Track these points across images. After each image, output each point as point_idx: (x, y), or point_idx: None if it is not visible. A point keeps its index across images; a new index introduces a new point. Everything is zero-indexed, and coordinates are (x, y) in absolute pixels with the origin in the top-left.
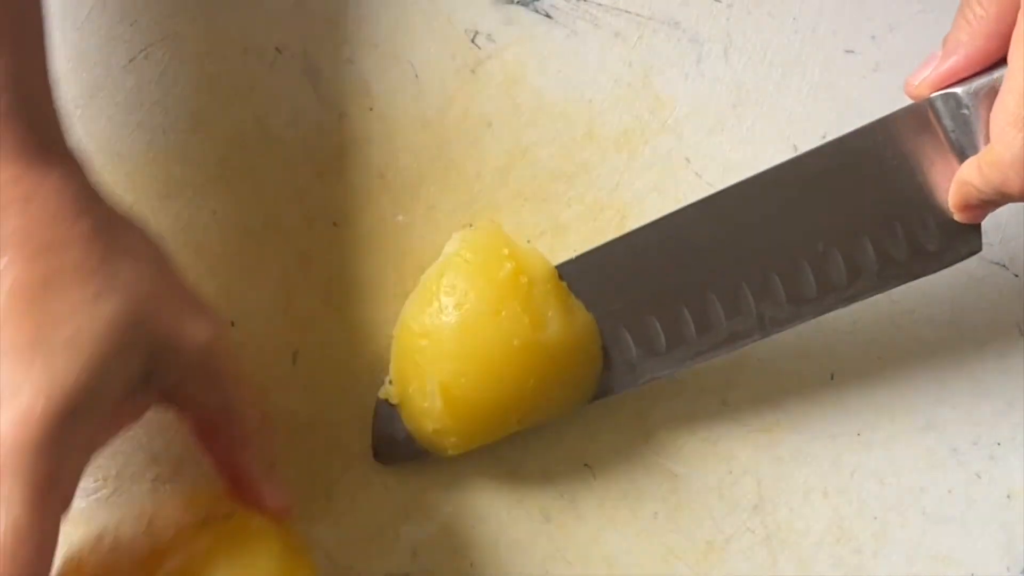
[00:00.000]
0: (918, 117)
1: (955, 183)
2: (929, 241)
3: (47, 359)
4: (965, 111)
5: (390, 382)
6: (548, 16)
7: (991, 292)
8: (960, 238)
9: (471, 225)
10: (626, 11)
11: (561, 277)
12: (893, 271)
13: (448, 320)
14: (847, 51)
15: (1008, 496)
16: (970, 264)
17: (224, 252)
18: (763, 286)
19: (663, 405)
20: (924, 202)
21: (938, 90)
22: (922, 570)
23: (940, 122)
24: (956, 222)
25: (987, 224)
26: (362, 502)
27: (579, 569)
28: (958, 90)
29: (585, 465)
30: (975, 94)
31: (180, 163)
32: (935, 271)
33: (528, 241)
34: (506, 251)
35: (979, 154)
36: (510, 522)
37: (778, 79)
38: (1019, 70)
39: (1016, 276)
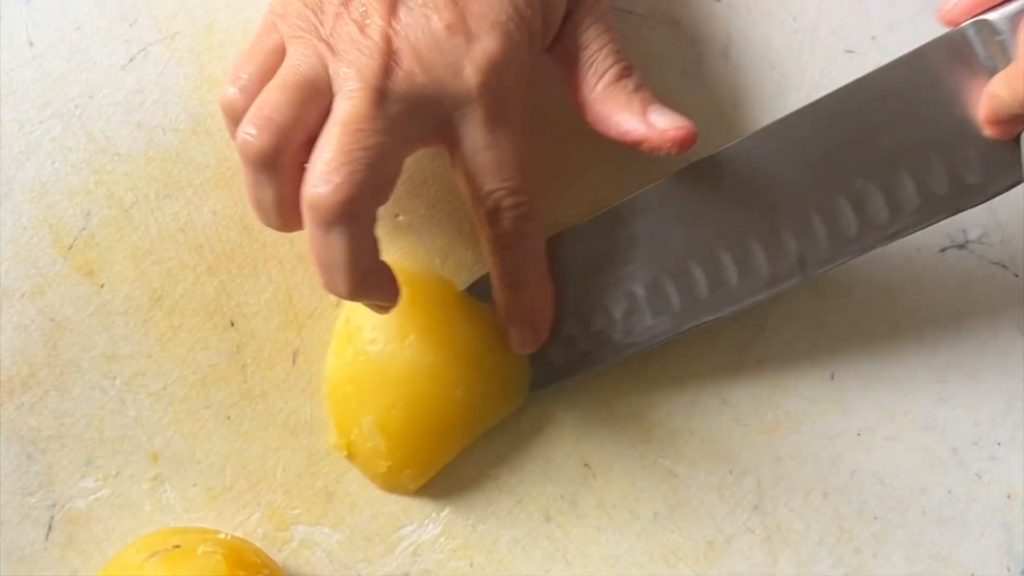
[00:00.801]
0: (951, 47)
1: (984, 96)
2: (969, 173)
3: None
4: (1000, 38)
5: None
6: None
7: (991, 292)
8: (1001, 168)
9: None
10: (626, 11)
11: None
12: (934, 206)
13: (363, 359)
14: (847, 51)
15: (1008, 496)
16: (970, 264)
17: (224, 252)
18: (803, 226)
19: (663, 405)
20: (962, 133)
21: (971, 16)
22: (922, 570)
23: (974, 51)
24: (996, 153)
25: (987, 224)
26: (362, 503)
27: (579, 569)
28: (991, 16)
29: (585, 465)
30: (1010, 19)
31: (180, 163)
32: (977, 203)
33: None
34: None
35: (1009, 67)
36: (510, 522)
37: (778, 79)
38: None
39: (1016, 276)
